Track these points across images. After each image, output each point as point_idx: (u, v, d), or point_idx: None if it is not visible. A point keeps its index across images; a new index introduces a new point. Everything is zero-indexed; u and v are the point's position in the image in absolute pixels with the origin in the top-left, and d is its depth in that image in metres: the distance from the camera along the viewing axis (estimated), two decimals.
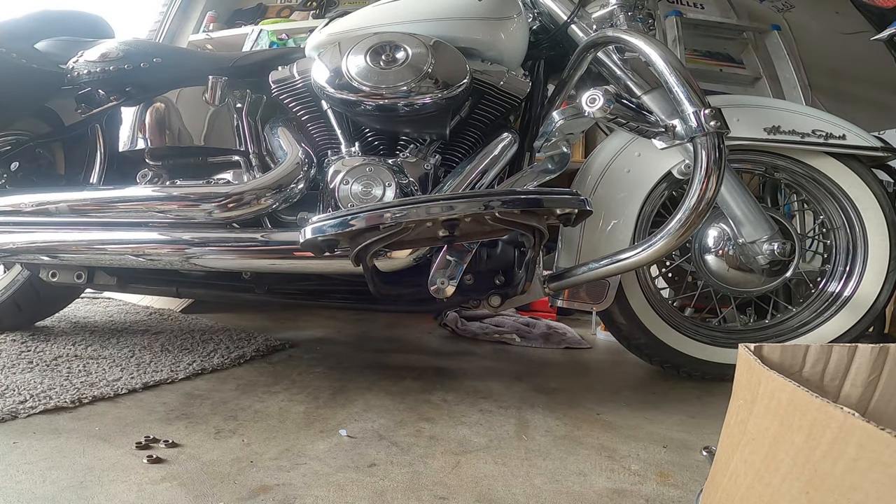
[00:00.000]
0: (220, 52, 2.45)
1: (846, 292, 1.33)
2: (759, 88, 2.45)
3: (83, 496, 0.68)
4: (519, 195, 0.53)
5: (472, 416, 1.05)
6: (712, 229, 1.33)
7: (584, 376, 1.42)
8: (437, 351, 1.66)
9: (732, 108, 1.30)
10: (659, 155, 1.26)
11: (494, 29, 1.18)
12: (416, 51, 1.10)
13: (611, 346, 1.77)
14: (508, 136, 1.19)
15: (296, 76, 1.21)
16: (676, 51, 2.23)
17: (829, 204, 1.36)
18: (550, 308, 2.17)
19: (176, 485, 0.72)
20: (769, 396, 0.46)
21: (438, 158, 1.18)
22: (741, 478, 0.48)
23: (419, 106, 1.10)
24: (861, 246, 1.33)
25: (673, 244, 0.98)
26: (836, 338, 1.32)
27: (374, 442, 0.90)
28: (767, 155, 1.34)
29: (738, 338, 1.37)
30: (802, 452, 0.41)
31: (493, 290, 1.16)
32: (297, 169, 1.16)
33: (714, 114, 0.95)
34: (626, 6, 1.18)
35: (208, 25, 2.89)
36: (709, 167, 0.95)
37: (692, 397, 1.24)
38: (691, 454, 0.90)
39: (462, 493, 0.74)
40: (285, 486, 0.73)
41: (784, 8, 2.52)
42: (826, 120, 1.30)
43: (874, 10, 2.03)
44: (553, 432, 0.99)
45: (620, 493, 0.76)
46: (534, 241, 0.68)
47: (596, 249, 1.28)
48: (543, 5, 1.27)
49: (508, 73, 1.19)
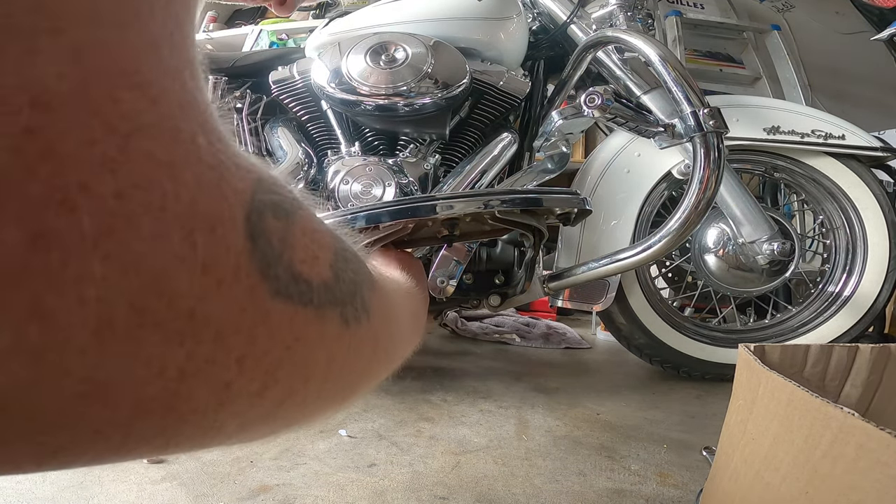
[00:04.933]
0: (220, 52, 2.45)
1: (846, 292, 1.33)
2: (758, 88, 2.45)
3: (83, 496, 0.68)
4: (519, 194, 0.53)
5: (472, 416, 1.05)
6: (712, 229, 1.33)
7: (584, 376, 1.42)
8: (437, 351, 1.66)
9: (732, 108, 1.30)
10: (658, 155, 1.26)
11: (494, 29, 1.18)
12: (415, 51, 1.10)
13: (611, 346, 1.77)
14: (508, 136, 1.19)
15: (296, 76, 1.21)
16: (676, 51, 2.23)
17: (828, 204, 1.36)
18: (550, 308, 2.17)
19: (176, 484, 0.72)
20: (769, 396, 0.46)
21: (438, 158, 1.18)
22: (741, 478, 0.48)
23: (419, 106, 1.10)
24: (861, 246, 1.33)
25: (672, 244, 0.99)
26: (836, 338, 1.32)
27: (374, 442, 0.90)
28: (767, 155, 1.34)
29: (738, 338, 1.37)
30: (802, 452, 0.41)
31: (493, 289, 1.16)
32: (296, 169, 1.16)
33: (713, 113, 0.95)
34: (626, 6, 1.18)
35: (208, 25, 2.89)
36: (708, 166, 0.95)
37: (692, 397, 1.24)
38: (691, 454, 0.90)
39: (462, 493, 0.74)
40: (285, 486, 0.73)
41: (784, 8, 2.52)
42: (825, 120, 1.30)
43: (874, 10, 2.03)
44: (553, 432, 0.98)
45: (620, 493, 0.76)
46: (533, 240, 0.68)
47: (596, 249, 1.28)
48: (543, 5, 1.27)
49: (508, 73, 1.19)
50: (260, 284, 0.16)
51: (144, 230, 0.13)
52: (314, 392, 0.19)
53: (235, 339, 0.15)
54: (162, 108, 0.14)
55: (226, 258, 0.15)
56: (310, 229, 0.18)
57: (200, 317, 0.14)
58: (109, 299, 0.12)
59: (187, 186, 0.14)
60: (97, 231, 0.12)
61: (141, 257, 0.13)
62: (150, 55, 0.14)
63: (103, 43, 0.13)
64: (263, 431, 0.19)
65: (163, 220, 0.13)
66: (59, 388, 0.12)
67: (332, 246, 0.20)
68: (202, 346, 0.14)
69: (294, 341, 0.17)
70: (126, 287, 0.13)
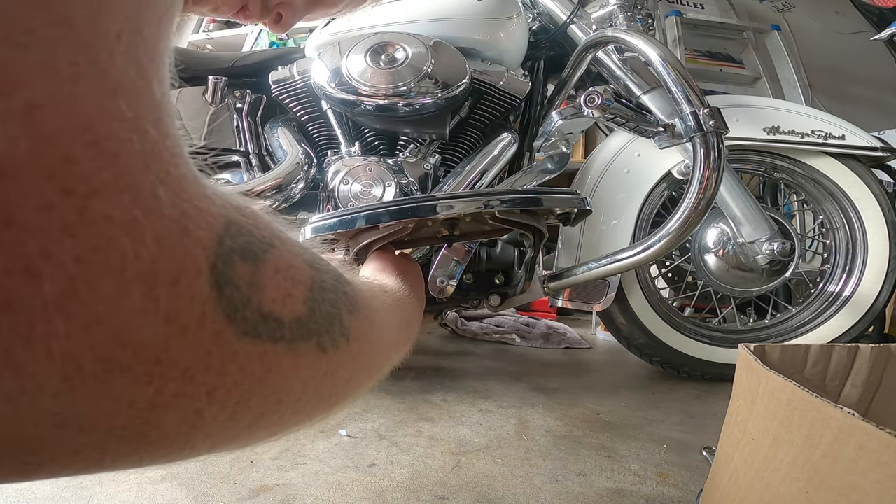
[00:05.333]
0: (220, 52, 2.45)
1: (846, 292, 1.33)
2: (758, 88, 2.45)
3: (83, 496, 0.68)
4: (518, 194, 0.53)
5: (472, 416, 1.05)
6: (712, 229, 1.33)
7: (584, 376, 1.42)
8: (437, 351, 1.66)
9: (732, 108, 1.30)
10: (658, 155, 1.26)
11: (494, 29, 1.18)
12: (415, 51, 1.10)
13: (611, 346, 1.77)
14: (508, 136, 1.19)
15: (296, 76, 1.21)
16: (676, 51, 2.23)
17: (828, 204, 1.36)
18: (550, 308, 2.17)
19: (176, 484, 0.72)
20: (769, 396, 0.46)
21: (438, 158, 1.18)
22: (741, 478, 0.48)
23: (419, 106, 1.10)
24: (861, 246, 1.33)
25: (672, 244, 0.98)
26: (836, 338, 1.32)
27: (374, 442, 0.90)
28: (767, 155, 1.34)
29: (738, 338, 1.37)
30: (802, 452, 0.41)
31: (493, 289, 1.16)
32: (296, 169, 1.16)
33: (713, 113, 0.95)
34: (626, 6, 1.18)
35: (208, 25, 2.89)
36: (708, 166, 0.95)
37: (692, 397, 1.24)
38: (691, 454, 0.90)
39: (462, 493, 0.74)
40: (285, 486, 0.73)
41: (784, 8, 2.52)
42: (825, 120, 1.30)
43: (874, 10, 2.03)
44: (553, 432, 0.98)
45: (620, 493, 0.76)
46: (533, 240, 0.68)
47: (596, 249, 1.28)
48: (543, 5, 1.27)
49: (508, 73, 1.19)
50: (226, 328, 0.16)
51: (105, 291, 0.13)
52: (289, 411, 0.20)
53: (204, 376, 0.16)
54: (121, 164, 0.13)
55: (189, 308, 0.15)
56: (284, 266, 0.18)
57: (166, 361, 0.14)
58: (75, 353, 0.13)
59: (147, 245, 0.14)
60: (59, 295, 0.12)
61: (103, 315, 0.13)
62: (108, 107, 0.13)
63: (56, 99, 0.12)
64: (236, 446, 0.20)
65: (123, 279, 0.13)
66: (35, 422, 0.13)
67: (308, 280, 0.20)
68: (170, 384, 0.15)
69: (265, 373, 0.17)
70: (90, 341, 0.13)
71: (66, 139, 0.12)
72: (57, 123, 0.12)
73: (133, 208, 0.13)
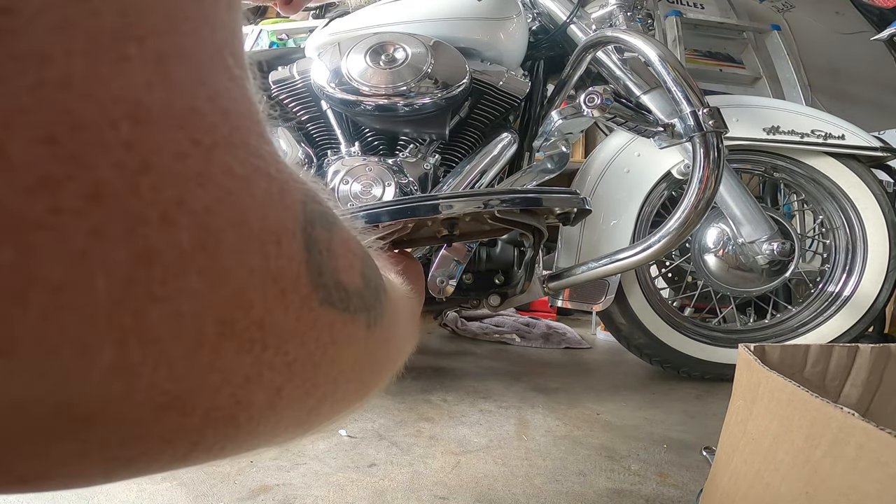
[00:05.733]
0: None
1: (846, 292, 1.33)
2: (758, 88, 2.45)
3: (83, 496, 0.68)
4: (518, 194, 0.53)
5: (472, 416, 1.05)
6: (712, 229, 1.33)
7: (584, 376, 1.42)
8: (437, 351, 1.66)
9: (732, 108, 1.30)
10: (658, 155, 1.26)
11: (494, 29, 1.18)
12: (415, 51, 1.10)
13: (611, 346, 1.77)
14: (508, 136, 1.19)
15: (296, 76, 1.21)
16: (676, 51, 2.23)
17: (828, 204, 1.36)
18: (550, 308, 2.17)
19: (176, 484, 0.72)
20: (769, 396, 0.46)
21: (438, 158, 1.18)
22: (741, 478, 0.48)
23: (419, 106, 1.10)
24: (861, 246, 1.33)
25: (672, 243, 0.99)
26: (836, 338, 1.32)
27: (374, 442, 0.90)
28: (767, 155, 1.34)
29: (738, 338, 1.37)
30: (802, 452, 0.41)
31: (493, 289, 1.16)
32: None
33: (712, 113, 0.95)
34: (626, 6, 1.18)
35: None
36: (708, 166, 0.95)
37: (692, 397, 1.24)
38: (691, 454, 0.90)
39: (462, 493, 0.74)
40: (285, 486, 0.73)
41: (784, 8, 2.52)
42: (825, 120, 1.30)
43: (874, 10, 2.03)
44: (553, 432, 0.98)
45: (620, 493, 0.76)
46: (533, 240, 0.68)
47: (595, 249, 1.28)
48: (543, 5, 1.27)
49: (508, 73, 1.19)
50: (312, 293, 0.16)
51: (230, 244, 0.13)
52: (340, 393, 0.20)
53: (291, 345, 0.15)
54: (232, 121, 0.14)
55: (289, 269, 0.15)
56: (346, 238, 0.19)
57: (268, 325, 0.14)
58: (201, 313, 0.13)
59: (259, 200, 0.14)
60: (193, 246, 0.12)
61: (227, 271, 0.13)
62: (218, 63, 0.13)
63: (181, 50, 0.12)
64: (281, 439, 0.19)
65: (242, 234, 0.13)
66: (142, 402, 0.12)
67: (362, 252, 0.20)
68: (266, 353, 0.15)
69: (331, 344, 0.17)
70: (215, 301, 0.13)
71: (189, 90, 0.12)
72: (182, 74, 0.12)
73: (247, 162, 0.14)
